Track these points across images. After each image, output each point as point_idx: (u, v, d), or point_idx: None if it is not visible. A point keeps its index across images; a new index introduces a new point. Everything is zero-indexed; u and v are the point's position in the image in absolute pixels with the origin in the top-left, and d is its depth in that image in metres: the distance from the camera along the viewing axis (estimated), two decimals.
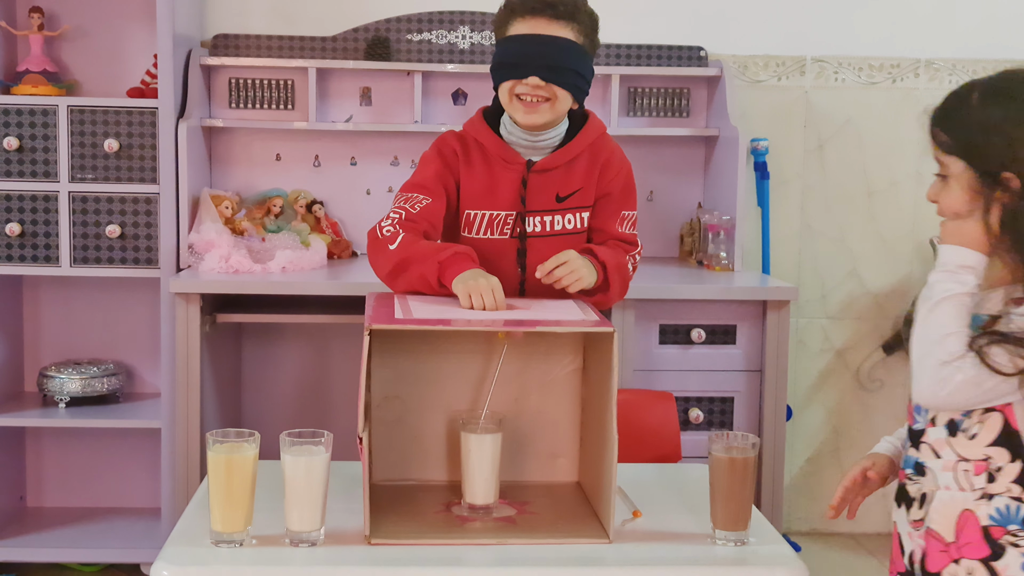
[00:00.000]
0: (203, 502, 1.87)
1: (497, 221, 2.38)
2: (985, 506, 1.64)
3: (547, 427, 2.09)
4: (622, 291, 2.38)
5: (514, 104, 2.33)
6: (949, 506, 1.67)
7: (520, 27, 2.31)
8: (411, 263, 2.17)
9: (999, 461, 1.63)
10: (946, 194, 1.73)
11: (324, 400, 3.79)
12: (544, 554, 1.78)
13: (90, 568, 3.55)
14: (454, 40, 3.74)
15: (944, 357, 1.61)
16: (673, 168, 3.86)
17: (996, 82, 1.73)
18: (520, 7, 2.32)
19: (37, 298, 3.70)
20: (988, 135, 1.67)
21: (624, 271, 2.37)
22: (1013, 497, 1.62)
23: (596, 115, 2.48)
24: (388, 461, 2.06)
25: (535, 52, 2.29)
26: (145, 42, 3.59)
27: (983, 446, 1.64)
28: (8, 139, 3.31)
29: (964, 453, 1.66)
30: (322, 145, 3.76)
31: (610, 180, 2.43)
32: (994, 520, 1.63)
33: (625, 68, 3.71)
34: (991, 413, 1.64)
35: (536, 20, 2.30)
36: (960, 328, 1.63)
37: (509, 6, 2.36)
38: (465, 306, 2.04)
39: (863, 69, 3.87)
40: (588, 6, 2.38)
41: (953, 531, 1.66)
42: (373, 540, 1.78)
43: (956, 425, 1.67)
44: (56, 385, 3.47)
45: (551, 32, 2.29)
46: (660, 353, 3.31)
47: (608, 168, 2.42)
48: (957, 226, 1.70)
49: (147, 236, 3.37)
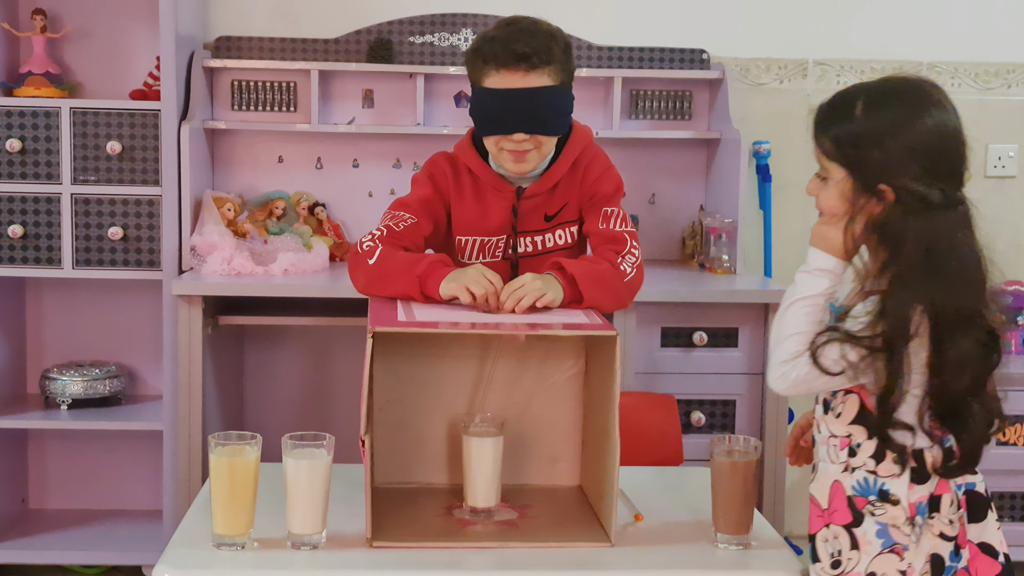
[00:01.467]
0: (205, 505, 1.87)
1: (488, 246, 2.37)
2: (849, 478, 1.74)
3: (549, 430, 2.09)
4: (612, 295, 2.21)
5: (502, 155, 2.29)
6: (824, 476, 1.78)
7: (496, 80, 2.24)
8: (388, 278, 2.15)
9: (858, 438, 1.74)
10: (825, 194, 1.80)
11: (326, 403, 3.79)
12: (545, 557, 1.78)
13: (92, 570, 3.55)
14: (456, 42, 3.74)
15: (784, 356, 1.75)
16: (675, 171, 3.86)
17: (879, 90, 1.76)
18: (493, 60, 2.24)
19: (39, 300, 3.70)
20: (869, 148, 1.71)
21: (606, 277, 2.20)
22: (869, 471, 1.73)
23: (579, 124, 2.41)
24: (390, 464, 2.06)
25: (517, 107, 2.23)
26: (148, 44, 3.59)
27: (845, 423, 1.76)
28: (11, 141, 3.31)
29: (833, 429, 1.77)
30: (324, 147, 3.76)
31: (591, 184, 2.37)
32: (855, 491, 1.73)
33: (627, 71, 3.71)
34: (850, 395, 1.75)
35: (512, 74, 2.23)
36: (805, 329, 1.75)
37: (481, 55, 2.27)
38: (466, 301, 2.04)
39: (865, 72, 3.87)
40: (559, 34, 2.30)
41: (827, 499, 1.76)
42: (375, 543, 1.79)
43: (827, 404, 1.79)
44: (58, 387, 3.47)
45: (530, 84, 2.23)
46: (662, 356, 3.31)
47: (588, 174, 2.37)
48: (824, 231, 1.79)
49: (149, 238, 3.37)
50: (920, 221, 1.68)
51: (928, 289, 1.66)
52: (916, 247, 1.67)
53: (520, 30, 2.26)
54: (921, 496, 1.71)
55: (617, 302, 2.26)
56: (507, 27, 2.28)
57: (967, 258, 1.70)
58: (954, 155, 1.72)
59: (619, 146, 3.78)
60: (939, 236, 1.68)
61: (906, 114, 1.71)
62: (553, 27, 2.31)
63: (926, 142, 1.70)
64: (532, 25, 2.28)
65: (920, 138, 1.70)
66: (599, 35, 3.78)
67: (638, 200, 3.85)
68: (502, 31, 2.27)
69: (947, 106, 1.73)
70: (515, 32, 2.25)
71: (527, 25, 2.28)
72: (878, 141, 1.71)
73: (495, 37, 2.26)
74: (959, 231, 1.70)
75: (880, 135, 1.71)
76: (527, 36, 2.24)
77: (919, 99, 1.73)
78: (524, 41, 2.23)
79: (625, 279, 2.24)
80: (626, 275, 2.25)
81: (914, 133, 1.70)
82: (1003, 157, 3.87)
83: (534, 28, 2.27)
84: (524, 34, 2.24)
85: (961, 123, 1.74)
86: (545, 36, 2.26)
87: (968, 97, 3.88)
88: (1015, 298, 3.76)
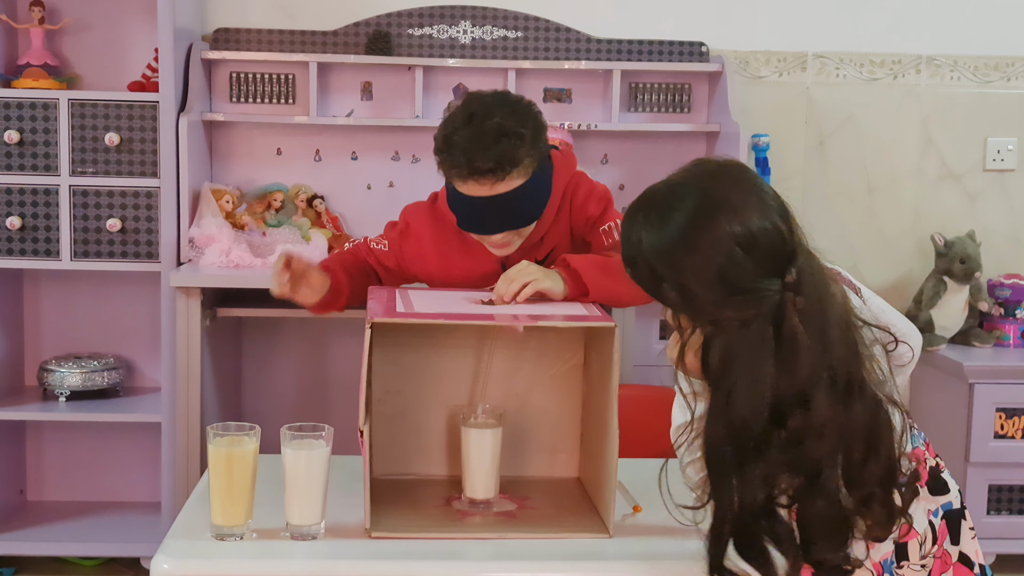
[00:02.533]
0: (203, 496, 1.87)
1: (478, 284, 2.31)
2: None
3: (548, 422, 2.09)
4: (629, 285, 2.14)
5: (485, 241, 2.27)
6: None
7: (466, 188, 2.17)
8: None
9: None
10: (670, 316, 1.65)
11: (324, 394, 3.79)
12: (544, 549, 1.78)
13: (90, 562, 3.55)
14: (455, 35, 3.74)
15: (690, 485, 1.69)
16: (674, 164, 3.80)
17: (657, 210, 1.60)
18: (458, 173, 2.16)
19: (37, 292, 3.70)
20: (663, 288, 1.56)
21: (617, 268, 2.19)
22: None
23: (557, 155, 2.31)
24: (389, 455, 2.06)
25: (491, 212, 2.18)
26: (146, 36, 3.59)
27: None
28: (9, 133, 3.31)
29: None
30: (323, 139, 3.76)
31: (578, 210, 2.32)
32: None
33: (626, 63, 3.71)
34: None
35: (481, 186, 2.15)
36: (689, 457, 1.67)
37: (447, 162, 2.18)
38: None
39: (864, 65, 3.87)
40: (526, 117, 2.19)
41: None
42: (373, 534, 1.79)
43: None
44: (56, 379, 3.47)
45: (500, 191, 2.16)
46: (660, 348, 3.31)
47: (575, 202, 2.32)
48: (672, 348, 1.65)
49: (148, 230, 3.37)
50: (722, 339, 1.52)
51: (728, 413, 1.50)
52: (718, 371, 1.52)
53: (482, 136, 2.13)
54: (885, 553, 1.62)
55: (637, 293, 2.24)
56: (469, 127, 2.15)
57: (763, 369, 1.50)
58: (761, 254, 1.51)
59: (618, 139, 3.78)
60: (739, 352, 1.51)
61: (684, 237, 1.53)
62: (520, 109, 2.20)
63: (717, 260, 1.50)
64: (496, 127, 2.14)
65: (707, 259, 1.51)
66: (598, 27, 3.77)
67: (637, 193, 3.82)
68: (464, 135, 2.14)
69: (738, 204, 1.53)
70: (478, 141, 2.13)
71: (491, 128, 2.14)
72: (662, 277, 1.56)
73: (457, 144, 2.15)
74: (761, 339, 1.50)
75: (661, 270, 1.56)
76: (491, 143, 2.12)
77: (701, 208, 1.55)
78: (488, 152, 2.12)
79: None
80: None
81: (697, 257, 1.52)
82: (1002, 150, 3.87)
83: (499, 130, 2.13)
84: (487, 140, 2.13)
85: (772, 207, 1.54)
86: (511, 139, 2.14)
87: (967, 90, 3.88)
88: (1014, 291, 3.77)
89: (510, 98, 2.23)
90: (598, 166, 3.80)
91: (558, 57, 3.75)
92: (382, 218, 3.71)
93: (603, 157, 3.81)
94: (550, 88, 3.78)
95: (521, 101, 2.23)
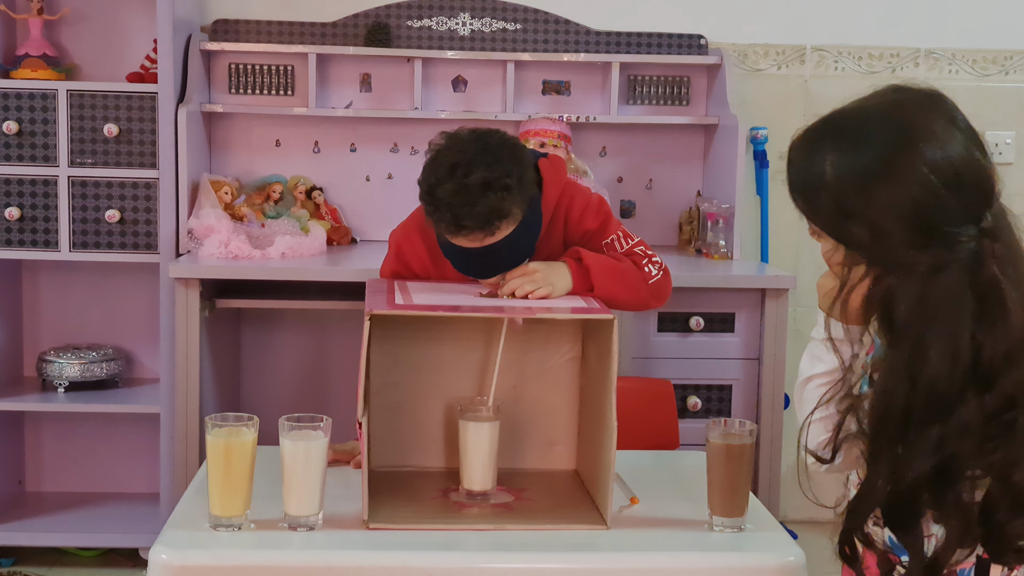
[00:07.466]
0: (202, 486, 1.88)
1: None
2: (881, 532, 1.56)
3: (545, 415, 2.09)
4: (632, 292, 2.23)
5: None
6: None
7: (457, 240, 2.12)
8: None
9: None
10: (836, 255, 1.52)
11: (323, 385, 3.79)
12: (541, 540, 1.78)
13: (89, 552, 3.56)
14: (454, 27, 3.74)
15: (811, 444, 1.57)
16: (672, 156, 3.86)
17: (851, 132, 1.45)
18: (446, 228, 2.10)
19: (36, 282, 3.70)
20: (844, 220, 1.43)
21: (626, 274, 2.22)
22: None
23: (546, 169, 2.24)
24: (387, 447, 2.06)
25: (482, 262, 2.14)
26: (145, 27, 3.59)
27: None
28: (7, 123, 3.31)
29: None
30: (322, 131, 3.76)
31: (574, 226, 2.29)
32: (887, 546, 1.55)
33: (625, 56, 3.70)
34: None
35: (471, 240, 2.10)
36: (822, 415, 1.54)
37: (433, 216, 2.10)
38: None
39: (863, 58, 3.87)
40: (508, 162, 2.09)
41: None
42: (371, 525, 1.79)
43: None
44: (55, 370, 3.47)
45: (491, 242, 2.10)
46: (658, 341, 3.31)
47: (570, 217, 2.28)
48: (829, 293, 1.52)
49: (146, 221, 3.37)
50: (911, 287, 1.39)
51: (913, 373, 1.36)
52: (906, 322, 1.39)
53: (467, 192, 2.05)
54: None
55: (638, 300, 2.28)
56: (452, 181, 2.06)
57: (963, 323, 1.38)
58: (963, 192, 1.41)
59: (616, 131, 3.78)
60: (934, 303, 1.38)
61: (883, 167, 1.40)
62: (502, 154, 2.10)
63: (917, 196, 1.39)
64: (481, 182, 2.04)
65: (906, 194, 1.39)
66: (597, 20, 3.77)
67: (635, 186, 3.85)
68: (447, 191, 2.06)
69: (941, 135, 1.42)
70: (463, 197, 2.05)
71: (475, 184, 2.04)
72: (851, 212, 1.42)
73: (442, 200, 2.07)
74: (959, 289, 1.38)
75: (862, 209, 1.41)
76: (477, 198, 2.04)
77: (902, 137, 1.42)
78: (475, 208, 2.05)
79: (650, 280, 2.27)
80: (651, 276, 2.28)
81: (896, 190, 1.39)
82: (1000, 144, 3.87)
83: (483, 185, 2.04)
84: (473, 196, 2.04)
85: (973, 142, 1.45)
86: (497, 193, 2.06)
87: (966, 84, 3.88)
88: None
89: (490, 141, 2.12)
90: (596, 158, 3.80)
91: (557, 49, 3.75)
92: (381, 210, 3.75)
93: (601, 149, 3.82)
94: (549, 80, 3.78)
95: (502, 143, 2.13)
